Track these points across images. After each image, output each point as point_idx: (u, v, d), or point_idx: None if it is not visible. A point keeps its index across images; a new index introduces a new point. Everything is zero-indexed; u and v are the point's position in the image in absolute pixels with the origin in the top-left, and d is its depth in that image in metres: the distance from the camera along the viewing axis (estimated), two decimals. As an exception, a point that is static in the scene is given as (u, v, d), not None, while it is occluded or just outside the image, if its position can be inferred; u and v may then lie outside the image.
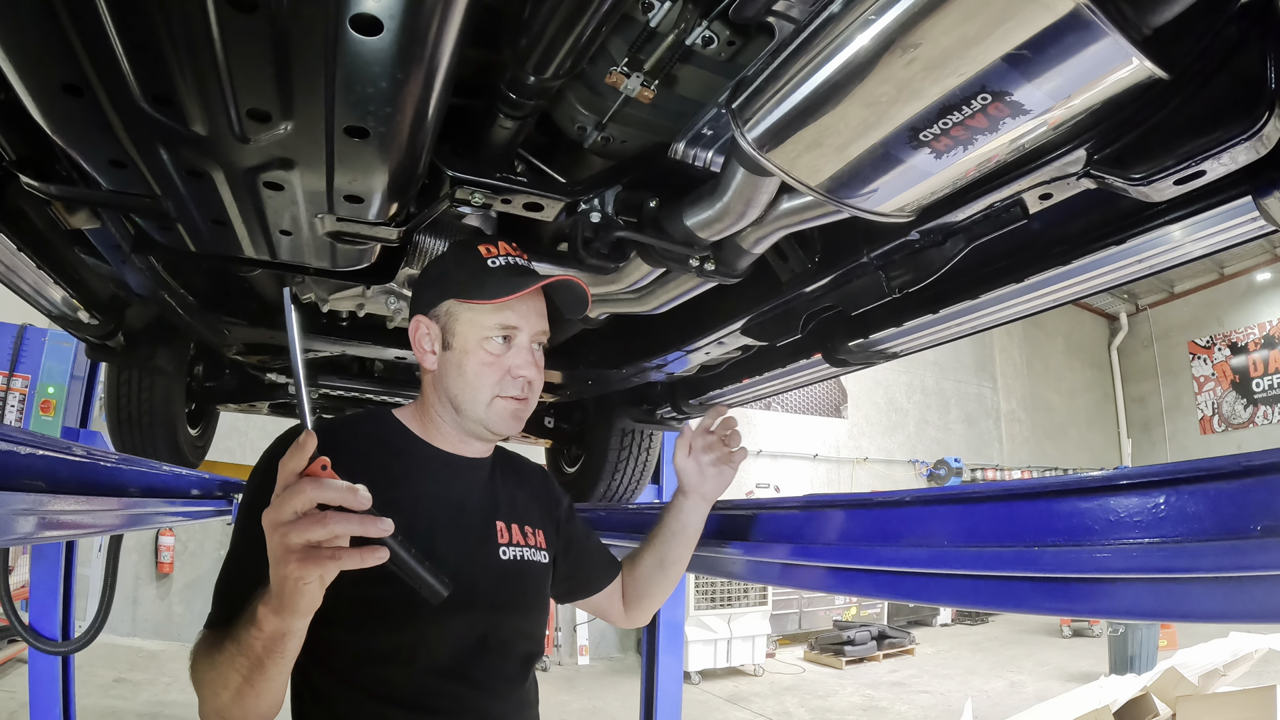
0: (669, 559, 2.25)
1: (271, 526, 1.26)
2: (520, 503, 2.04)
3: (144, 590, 12.37)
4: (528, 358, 1.86)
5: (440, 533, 1.78)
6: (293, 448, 1.26)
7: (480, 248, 1.86)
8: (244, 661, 1.39)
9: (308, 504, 1.24)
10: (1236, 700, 6.43)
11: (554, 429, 5.10)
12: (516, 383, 1.84)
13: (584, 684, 12.48)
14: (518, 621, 1.90)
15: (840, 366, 2.87)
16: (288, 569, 1.25)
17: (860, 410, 19.99)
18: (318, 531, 1.23)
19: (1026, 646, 15.69)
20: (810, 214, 1.80)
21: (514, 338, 1.84)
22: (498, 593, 1.85)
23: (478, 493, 1.95)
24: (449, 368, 1.85)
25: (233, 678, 1.41)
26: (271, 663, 1.38)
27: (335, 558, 1.25)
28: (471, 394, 1.84)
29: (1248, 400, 21.03)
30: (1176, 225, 1.69)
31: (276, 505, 1.26)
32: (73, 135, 1.44)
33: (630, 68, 1.67)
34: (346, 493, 1.25)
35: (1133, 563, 1.22)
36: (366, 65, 1.16)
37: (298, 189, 1.59)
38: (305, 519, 1.24)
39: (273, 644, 1.35)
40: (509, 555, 1.90)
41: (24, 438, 1.58)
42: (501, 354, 1.83)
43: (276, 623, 1.32)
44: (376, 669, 1.68)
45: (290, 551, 1.24)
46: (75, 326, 3.14)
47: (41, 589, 4.91)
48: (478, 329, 1.82)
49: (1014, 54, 1.06)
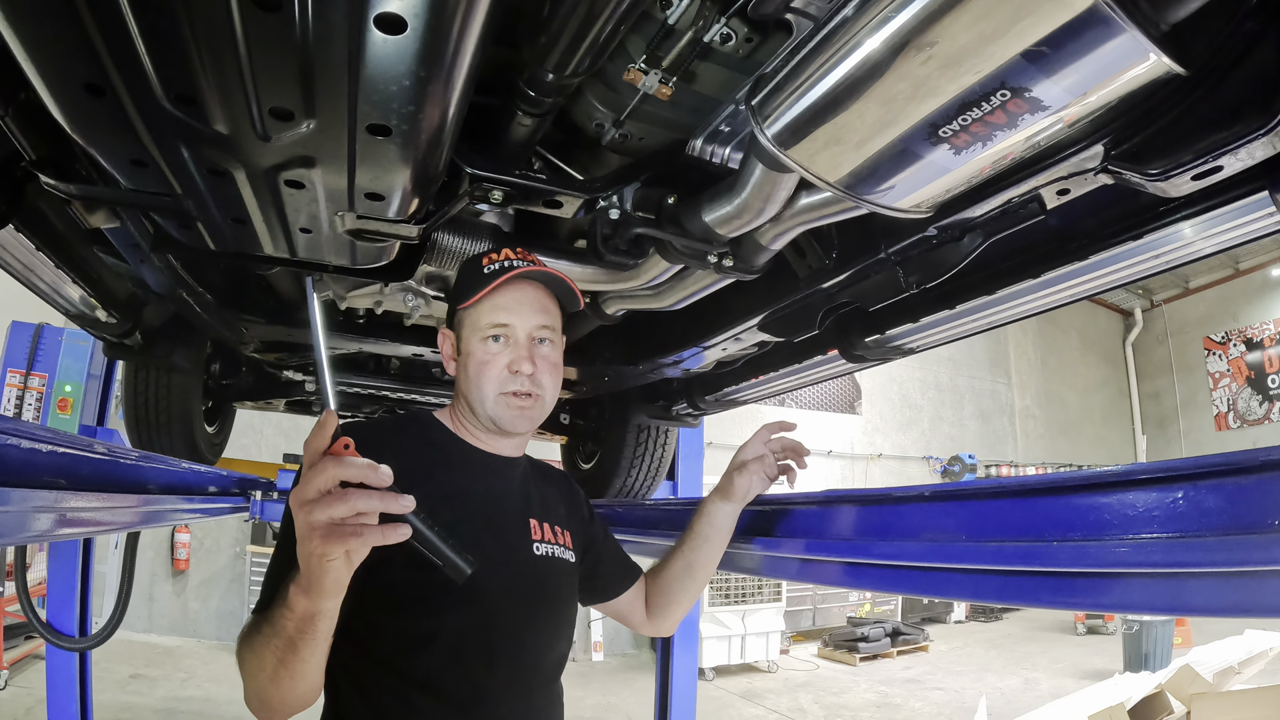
0: (698, 564, 2.25)
1: (297, 505, 1.29)
2: (550, 502, 2.09)
3: (160, 587, 12.44)
4: (523, 353, 1.89)
5: (481, 526, 1.85)
6: (315, 427, 1.29)
7: (484, 257, 1.92)
8: (278, 643, 1.42)
9: (330, 482, 1.26)
10: (1252, 698, 6.42)
11: (570, 425, 5.11)
12: (516, 379, 1.88)
13: (598, 680, 12.49)
14: (551, 614, 1.95)
15: (857, 362, 2.87)
16: (312, 545, 1.28)
17: (874, 406, 19.96)
18: (340, 508, 1.26)
19: (1041, 644, 15.64)
20: (828, 210, 1.80)
21: (509, 335, 1.90)
22: (534, 588, 1.90)
23: (514, 490, 2.01)
24: (461, 371, 1.95)
25: (268, 659, 1.44)
26: (304, 643, 1.40)
27: (358, 534, 1.27)
28: (478, 393, 1.90)
29: (1263, 396, 20.91)
30: (1193, 221, 1.68)
31: (301, 484, 1.28)
32: (94, 135, 1.44)
33: (648, 65, 1.68)
34: (368, 470, 1.27)
35: (1150, 557, 1.22)
36: (390, 64, 1.16)
37: (319, 187, 1.59)
38: (328, 496, 1.26)
39: (304, 624, 1.38)
40: (542, 551, 1.95)
41: (45, 435, 1.59)
42: (499, 352, 1.89)
43: (306, 603, 1.35)
44: (412, 655, 1.71)
45: (314, 528, 1.27)
46: (93, 325, 3.16)
47: (59, 586, 4.93)
48: (475, 330, 1.91)
49: (1033, 50, 1.06)
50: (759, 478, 2.23)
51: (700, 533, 2.25)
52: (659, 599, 2.31)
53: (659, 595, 2.30)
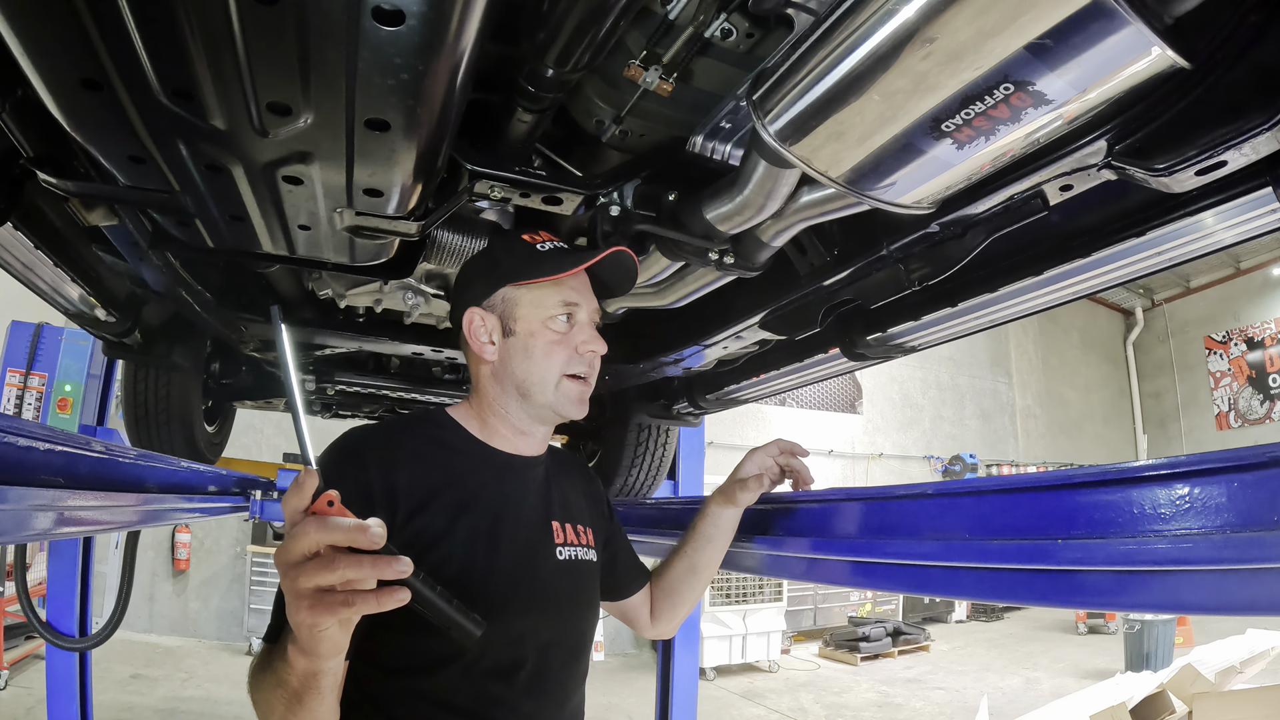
0: (701, 564, 2.23)
1: (281, 569, 1.20)
2: (572, 501, 2.05)
3: (161, 587, 12.45)
4: (593, 332, 1.88)
5: (503, 534, 1.77)
6: (292, 485, 1.18)
7: (525, 236, 1.89)
8: (283, 694, 1.36)
9: (314, 546, 1.16)
10: (1254, 697, 6.41)
11: (570, 424, 5.09)
12: (584, 359, 1.87)
13: (599, 680, 12.48)
14: (576, 623, 1.92)
15: (858, 361, 2.86)
16: (300, 616, 1.19)
17: (875, 406, 19.98)
18: (326, 576, 1.16)
19: (1042, 643, 15.65)
20: (830, 206, 1.79)
21: (576, 314, 1.88)
22: (558, 595, 1.86)
23: (535, 493, 1.94)
24: (514, 354, 1.86)
25: (277, 706, 1.38)
26: (310, 697, 1.34)
27: (349, 603, 1.18)
28: (540, 375, 1.84)
29: (1264, 396, 20.93)
30: (1196, 217, 1.68)
31: (284, 546, 1.19)
32: (91, 131, 1.44)
33: (648, 61, 1.67)
34: (355, 531, 1.16)
35: (1156, 555, 1.21)
36: (388, 57, 1.15)
37: (317, 183, 1.58)
38: (313, 562, 1.17)
39: (307, 681, 1.32)
40: (565, 555, 1.91)
41: (42, 433, 1.58)
42: (567, 331, 1.86)
43: (305, 663, 1.29)
44: (433, 672, 1.65)
45: (301, 596, 1.18)
46: (92, 324, 3.15)
47: (59, 586, 4.94)
48: (541, 309, 1.85)
49: (1037, 43, 1.05)
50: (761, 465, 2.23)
51: (704, 533, 2.23)
52: (663, 600, 2.29)
53: (663, 597, 2.29)
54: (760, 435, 17.75)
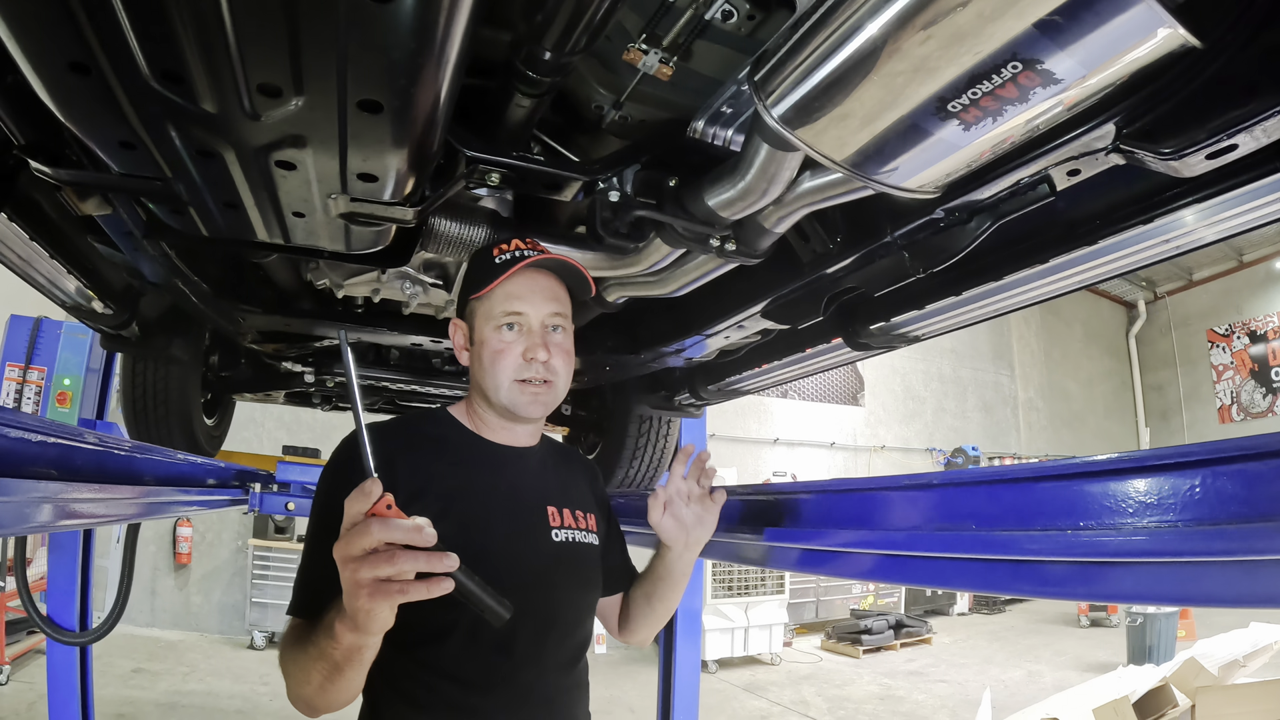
0: (655, 597, 2.22)
1: (342, 561, 1.34)
2: (572, 488, 2.14)
3: (162, 581, 12.45)
4: (537, 340, 1.91)
5: (495, 519, 1.88)
6: (356, 492, 1.34)
7: (494, 248, 1.95)
8: (324, 665, 1.51)
9: (375, 543, 1.32)
10: (1257, 691, 6.40)
11: (571, 416, 5.10)
12: (531, 366, 1.90)
13: (601, 673, 12.45)
14: (572, 601, 1.99)
15: (861, 350, 2.85)
16: (359, 602, 1.34)
17: (877, 398, 19.98)
18: (385, 569, 1.32)
19: (1044, 636, 15.65)
20: (834, 191, 1.77)
21: (522, 323, 1.92)
22: (552, 574, 1.93)
23: (528, 480, 2.03)
24: (475, 361, 1.98)
25: (314, 677, 1.54)
26: (350, 668, 1.49)
27: (404, 591, 1.34)
28: (493, 382, 1.92)
29: (1267, 389, 20.91)
30: (1205, 204, 1.66)
31: (345, 541, 1.34)
32: (81, 116, 1.42)
33: (648, 44, 1.66)
34: (412, 531, 1.33)
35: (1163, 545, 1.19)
36: (379, 35, 1.13)
37: (310, 168, 1.56)
38: (374, 556, 1.32)
39: (350, 654, 1.46)
40: (561, 538, 1.98)
41: (35, 424, 1.58)
42: (513, 340, 1.91)
43: (352, 639, 1.42)
44: (432, 643, 1.77)
45: (360, 585, 1.33)
46: (90, 317, 3.15)
47: (59, 580, 4.94)
48: (489, 319, 1.93)
49: (1046, 20, 1.03)
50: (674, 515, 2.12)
51: (655, 571, 2.20)
52: (625, 617, 2.30)
53: (625, 614, 2.30)
54: (762, 428, 17.78)
